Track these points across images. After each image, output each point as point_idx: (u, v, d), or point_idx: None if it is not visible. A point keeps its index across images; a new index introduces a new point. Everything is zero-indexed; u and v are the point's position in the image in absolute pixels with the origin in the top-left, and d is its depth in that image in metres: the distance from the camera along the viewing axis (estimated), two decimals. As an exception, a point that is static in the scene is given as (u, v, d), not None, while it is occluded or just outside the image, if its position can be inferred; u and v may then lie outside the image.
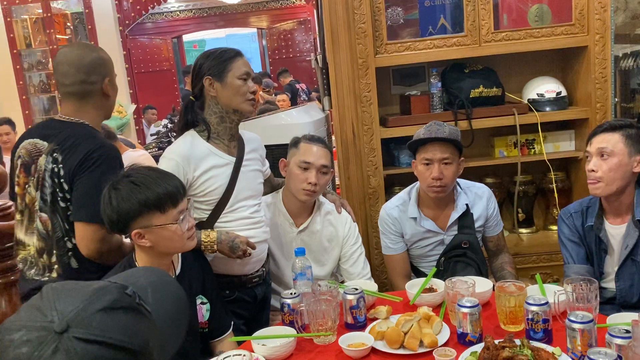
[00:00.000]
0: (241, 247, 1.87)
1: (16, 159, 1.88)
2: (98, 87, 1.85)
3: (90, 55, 1.85)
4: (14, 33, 6.48)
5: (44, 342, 0.64)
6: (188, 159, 1.87)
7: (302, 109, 3.37)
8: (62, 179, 1.76)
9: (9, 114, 5.85)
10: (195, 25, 10.53)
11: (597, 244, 2.01)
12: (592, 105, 2.70)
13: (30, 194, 1.83)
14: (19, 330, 0.66)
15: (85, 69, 1.81)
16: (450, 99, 2.79)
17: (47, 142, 1.81)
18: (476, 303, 1.56)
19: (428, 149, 2.10)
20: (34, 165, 1.82)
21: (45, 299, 0.69)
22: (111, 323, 0.67)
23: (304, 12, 10.18)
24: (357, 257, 2.25)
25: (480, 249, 2.23)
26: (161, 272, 0.90)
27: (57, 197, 1.77)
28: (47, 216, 1.80)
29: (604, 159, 1.89)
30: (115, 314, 0.68)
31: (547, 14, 2.81)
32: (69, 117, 1.85)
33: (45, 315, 0.67)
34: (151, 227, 1.56)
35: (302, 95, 7.80)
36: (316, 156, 2.11)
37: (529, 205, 3.00)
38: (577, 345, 1.41)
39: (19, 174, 1.86)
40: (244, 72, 1.92)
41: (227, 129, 1.96)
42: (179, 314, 0.84)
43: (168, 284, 0.86)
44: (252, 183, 2.02)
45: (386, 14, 2.69)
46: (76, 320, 0.66)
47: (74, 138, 1.78)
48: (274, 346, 1.60)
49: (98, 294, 0.69)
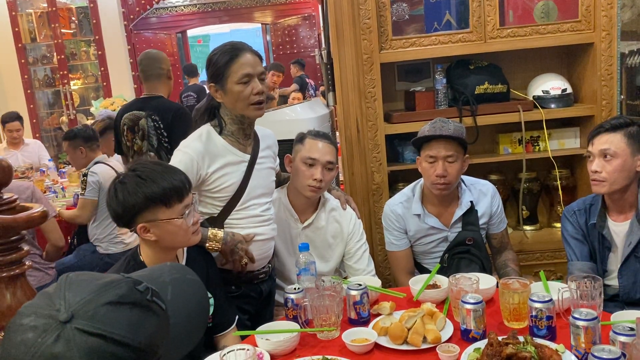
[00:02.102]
0: (240, 253, 1.87)
1: (122, 126, 3.11)
2: (165, 72, 3.10)
3: (160, 53, 3.17)
4: (19, 27, 6.49)
5: (48, 329, 0.66)
6: (203, 154, 1.84)
7: (307, 104, 3.37)
8: (163, 130, 2.96)
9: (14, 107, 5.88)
10: (200, 20, 10.51)
11: (601, 241, 2.00)
12: (598, 102, 2.69)
13: (137, 144, 3.04)
14: (29, 315, 0.68)
15: (159, 61, 3.03)
16: (455, 96, 2.78)
17: (144, 111, 3.02)
18: (480, 300, 1.56)
19: (432, 146, 2.10)
20: (137, 127, 3.02)
21: (58, 287, 0.70)
22: (115, 317, 0.68)
23: (309, 7, 10.15)
24: (362, 254, 2.25)
25: (484, 245, 2.23)
26: (186, 270, 0.89)
27: (161, 142, 2.97)
28: (154, 154, 2.96)
29: (607, 160, 1.88)
30: (121, 309, 0.69)
31: (553, 10, 2.79)
32: (150, 93, 3.07)
33: (54, 303, 0.68)
34: (156, 221, 1.57)
35: (310, 90, 7.78)
36: (321, 152, 2.10)
37: (533, 203, 2.99)
38: (581, 343, 1.40)
39: (126, 134, 3.09)
40: (243, 75, 1.81)
41: (239, 130, 1.92)
42: (197, 314, 0.83)
43: (191, 282, 0.86)
44: (265, 181, 2.00)
45: (391, 9, 2.69)
46: (81, 312, 0.67)
47: (160, 105, 3.02)
48: (277, 341, 1.60)
49: (108, 287, 0.70)
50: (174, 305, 0.77)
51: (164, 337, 0.73)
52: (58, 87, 6.71)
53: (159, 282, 0.79)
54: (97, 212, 3.35)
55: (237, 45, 1.86)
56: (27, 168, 4.84)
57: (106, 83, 6.59)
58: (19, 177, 4.52)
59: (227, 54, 1.83)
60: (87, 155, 3.44)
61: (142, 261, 1.65)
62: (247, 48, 1.86)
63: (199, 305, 0.86)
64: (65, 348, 0.65)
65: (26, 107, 6.57)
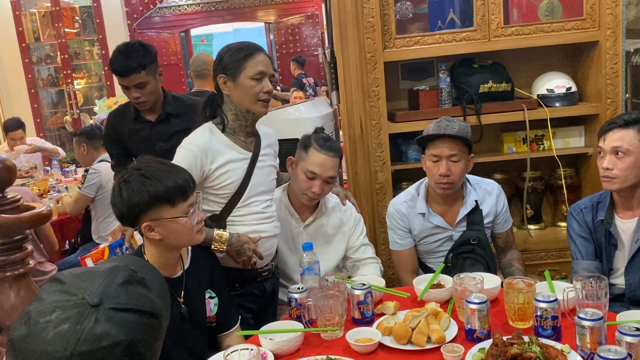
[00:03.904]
0: (247, 253, 1.88)
1: None
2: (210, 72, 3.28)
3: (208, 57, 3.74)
4: (22, 26, 6.51)
5: (83, 316, 0.72)
6: (206, 151, 1.86)
7: (310, 103, 3.36)
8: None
9: (17, 107, 5.90)
10: (203, 19, 10.51)
11: (607, 238, 1.99)
12: (603, 101, 2.68)
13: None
14: (52, 312, 0.72)
15: (206, 64, 3.60)
16: (459, 94, 2.77)
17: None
18: (484, 299, 1.56)
19: (437, 145, 2.09)
20: None
21: (67, 283, 0.76)
22: (133, 294, 0.77)
23: (312, 6, 10.14)
24: (366, 246, 2.29)
25: (489, 245, 2.22)
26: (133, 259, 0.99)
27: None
28: None
29: (620, 157, 1.87)
30: (133, 287, 0.78)
31: (558, 8, 2.78)
32: (199, 89, 3.64)
33: (75, 294, 0.74)
34: (161, 220, 1.57)
35: (308, 89, 7.77)
36: (324, 168, 2.08)
37: (537, 202, 2.98)
38: (587, 343, 1.40)
39: None
40: (258, 71, 1.86)
41: (242, 127, 1.94)
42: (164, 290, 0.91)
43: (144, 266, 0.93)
44: (266, 179, 2.02)
45: (395, 8, 2.68)
46: (106, 294, 0.74)
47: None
48: (281, 341, 1.60)
49: (114, 271, 0.78)
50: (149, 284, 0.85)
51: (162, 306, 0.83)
52: (62, 86, 6.73)
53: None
54: (100, 209, 3.38)
55: (254, 45, 1.95)
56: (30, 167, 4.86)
57: (109, 82, 6.61)
58: (23, 177, 4.53)
59: (245, 50, 1.89)
60: (88, 152, 3.55)
61: (147, 260, 1.65)
62: (263, 49, 1.95)
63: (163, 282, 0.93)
64: (107, 327, 0.72)
65: (30, 107, 6.58)
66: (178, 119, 2.50)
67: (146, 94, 2.42)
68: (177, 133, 2.33)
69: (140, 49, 2.38)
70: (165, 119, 2.51)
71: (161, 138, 2.47)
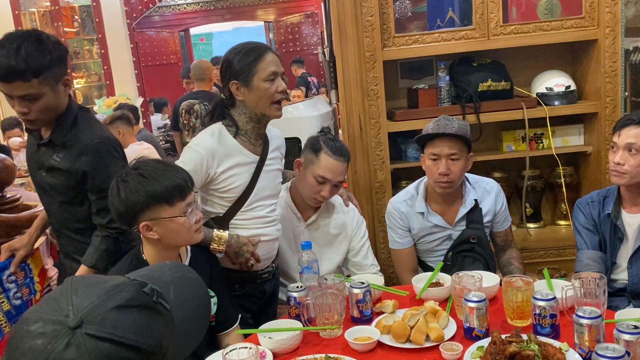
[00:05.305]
0: (246, 255, 1.87)
1: (181, 109, 4.48)
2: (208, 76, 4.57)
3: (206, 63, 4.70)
4: (22, 26, 6.49)
5: (58, 336, 0.65)
6: (213, 153, 1.83)
7: (309, 102, 3.37)
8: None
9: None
10: (203, 18, 10.51)
11: (613, 232, 2.01)
12: (602, 99, 2.68)
13: (192, 122, 4.43)
14: (36, 321, 0.67)
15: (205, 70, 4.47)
16: (458, 93, 2.77)
17: (197, 100, 4.44)
18: (483, 298, 1.56)
19: (436, 143, 2.09)
20: (192, 110, 4.42)
21: (64, 292, 0.69)
22: (125, 321, 0.68)
23: (311, 5, 10.14)
24: (367, 250, 2.27)
25: (488, 244, 2.22)
26: (186, 269, 0.89)
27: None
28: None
29: (632, 154, 1.89)
30: (130, 312, 0.69)
31: (557, 7, 2.78)
32: (200, 89, 4.51)
33: (61, 309, 0.67)
34: (159, 220, 1.57)
35: (313, 89, 7.77)
36: (335, 173, 2.08)
37: (537, 200, 2.98)
38: (585, 341, 1.40)
39: (184, 115, 4.46)
40: (271, 72, 1.82)
41: (255, 129, 1.91)
42: (200, 312, 0.83)
43: (192, 280, 0.86)
44: (272, 182, 2.00)
45: (394, 6, 2.67)
46: (90, 317, 0.66)
47: (207, 95, 4.45)
48: (280, 339, 1.60)
49: (115, 290, 0.70)
50: (176, 305, 0.77)
51: (171, 337, 0.74)
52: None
53: (160, 281, 0.78)
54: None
55: (261, 45, 1.89)
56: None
57: (109, 82, 6.60)
58: (22, 176, 4.53)
59: (254, 52, 1.84)
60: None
61: (145, 260, 1.66)
62: (270, 48, 1.90)
63: (201, 303, 0.86)
64: (76, 354, 0.64)
65: (30, 106, 6.56)
66: (62, 154, 1.76)
67: (38, 111, 1.68)
68: (55, 170, 1.76)
69: (35, 46, 1.61)
70: (48, 144, 1.79)
71: (43, 165, 1.81)
